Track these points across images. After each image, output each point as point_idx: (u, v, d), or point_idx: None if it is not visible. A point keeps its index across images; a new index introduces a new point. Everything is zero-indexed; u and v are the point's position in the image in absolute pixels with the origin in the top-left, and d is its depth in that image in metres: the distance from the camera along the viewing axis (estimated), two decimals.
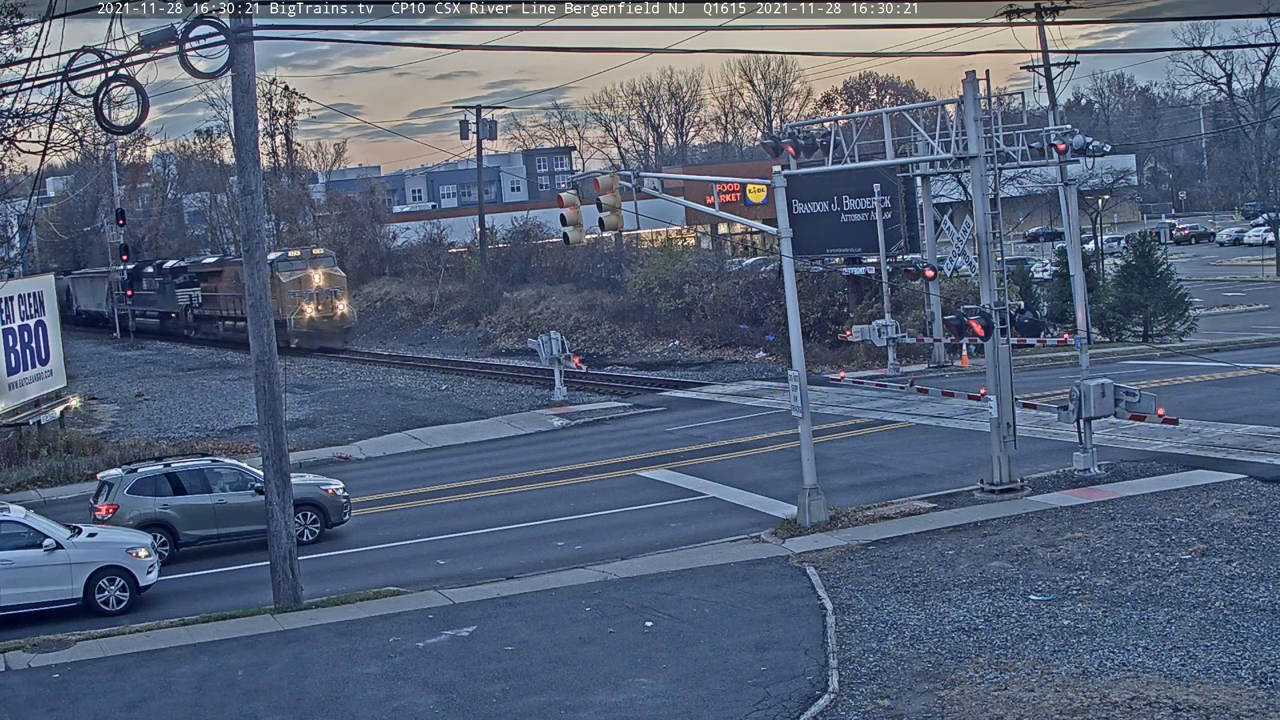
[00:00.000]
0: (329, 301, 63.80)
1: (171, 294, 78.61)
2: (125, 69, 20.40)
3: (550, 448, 34.99)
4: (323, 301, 63.54)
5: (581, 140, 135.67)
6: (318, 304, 63.36)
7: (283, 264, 62.85)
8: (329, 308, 63.69)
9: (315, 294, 63.26)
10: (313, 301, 63.18)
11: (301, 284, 63.12)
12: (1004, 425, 24.28)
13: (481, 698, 16.07)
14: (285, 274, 62.68)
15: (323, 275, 63.76)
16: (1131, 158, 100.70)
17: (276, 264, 61.54)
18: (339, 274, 65.65)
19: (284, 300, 61.63)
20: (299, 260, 64.28)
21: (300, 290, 62.98)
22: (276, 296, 59.81)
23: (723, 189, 69.75)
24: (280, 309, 60.54)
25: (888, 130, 27.55)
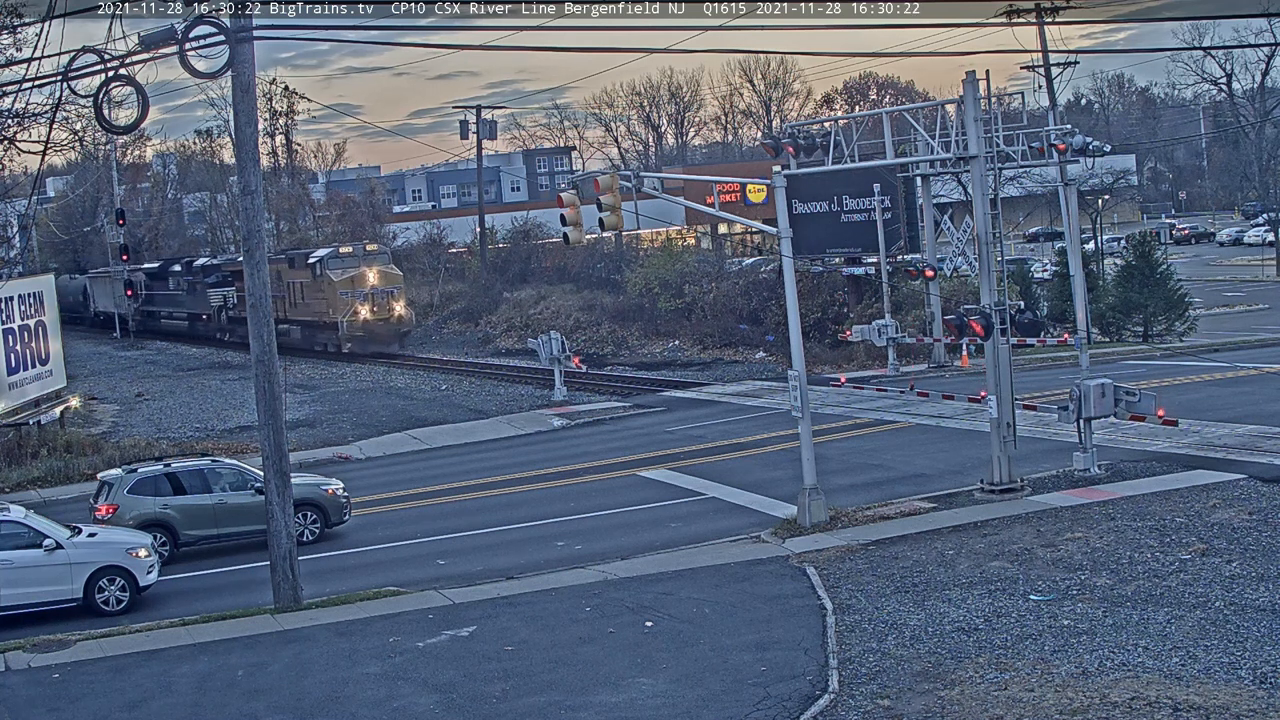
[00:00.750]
0: (385, 302, 58.88)
1: (202, 295, 73.66)
2: (125, 69, 20.41)
3: (550, 448, 34.99)
4: (378, 302, 58.62)
5: (581, 140, 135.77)
6: (373, 305, 58.45)
7: (332, 261, 59.01)
8: (385, 309, 58.81)
9: (370, 294, 58.35)
10: (367, 302, 58.29)
11: (354, 283, 58.14)
12: (1004, 425, 24.28)
13: (481, 698, 16.07)
14: (336, 272, 58.44)
15: (377, 273, 58.82)
16: (1131, 158, 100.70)
17: (326, 261, 58.93)
18: (395, 272, 60.87)
19: (335, 301, 58.38)
20: (351, 257, 59.49)
21: (353, 290, 58.08)
22: (326, 297, 58.57)
23: (723, 189, 69.73)
24: (331, 310, 58.54)
25: (888, 130, 27.55)
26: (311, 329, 61.62)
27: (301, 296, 61.79)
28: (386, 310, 58.73)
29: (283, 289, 62.76)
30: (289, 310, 62.47)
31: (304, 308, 61.77)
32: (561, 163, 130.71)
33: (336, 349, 60.09)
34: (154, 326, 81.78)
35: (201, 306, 74.32)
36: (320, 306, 59.61)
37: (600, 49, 36.77)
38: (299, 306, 62.28)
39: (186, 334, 77.41)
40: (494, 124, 72.61)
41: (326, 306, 59.09)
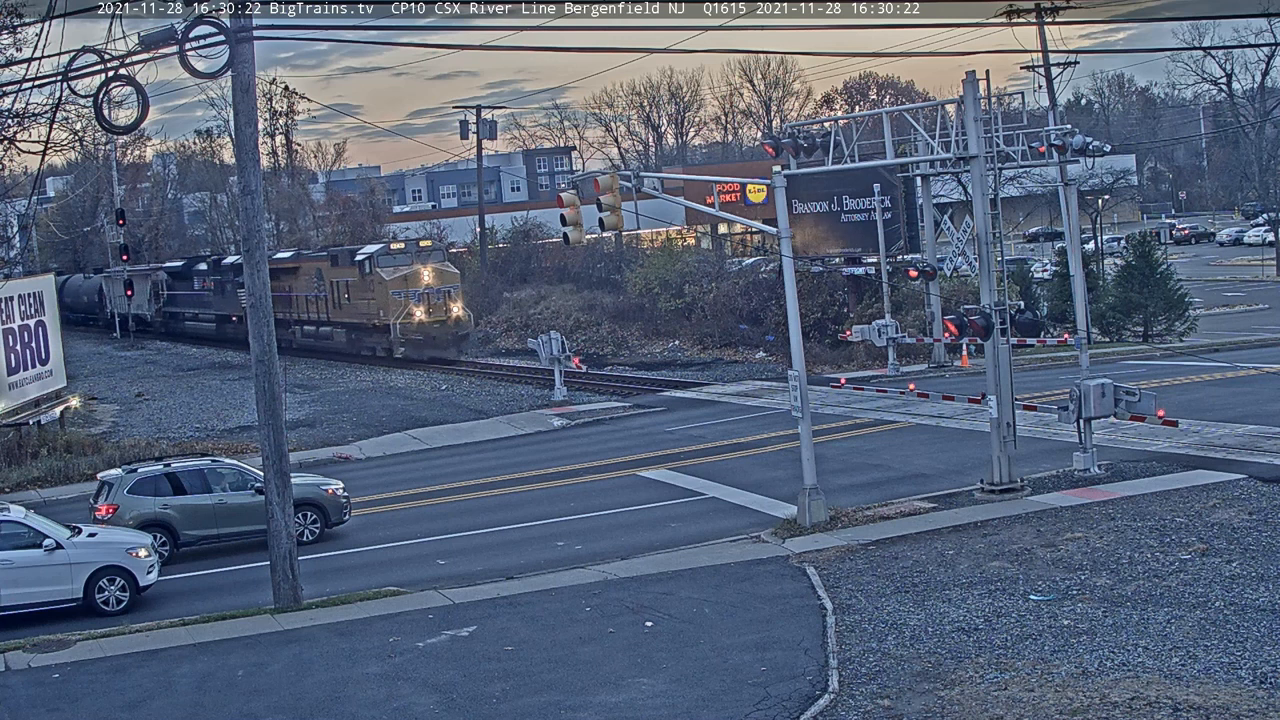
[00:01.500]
0: (442, 303, 54.24)
1: (233, 295, 67.27)
2: (125, 69, 20.41)
3: (550, 448, 34.99)
4: (434, 303, 53.98)
5: (581, 140, 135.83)
6: (428, 306, 53.82)
7: (383, 258, 54.49)
8: (442, 310, 54.16)
9: (425, 294, 53.72)
10: (423, 303, 53.63)
11: (408, 282, 53.60)
12: (1004, 425, 24.28)
13: (481, 698, 16.07)
14: (387, 271, 53.95)
15: (433, 272, 54.19)
16: (1131, 158, 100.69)
17: (377, 259, 54.54)
18: (451, 270, 56.32)
19: (387, 302, 53.80)
20: (403, 255, 55.03)
21: (407, 290, 53.48)
22: (376, 297, 54.38)
23: (723, 189, 69.64)
24: (382, 312, 54.17)
25: (888, 130, 27.54)
26: (359, 332, 57.26)
27: (347, 297, 57.41)
28: (443, 311, 54.20)
29: (324, 288, 59.29)
30: (333, 312, 59.09)
31: (350, 309, 57.39)
32: (561, 163, 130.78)
33: (387, 354, 55.39)
34: (178, 329, 77.33)
35: (232, 307, 69.01)
36: (369, 308, 55.33)
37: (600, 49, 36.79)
38: (344, 308, 57.93)
39: (214, 337, 72.86)
40: (494, 124, 72.62)
41: (376, 308, 54.70)
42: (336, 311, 58.55)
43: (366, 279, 55.00)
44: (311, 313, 61.31)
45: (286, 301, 62.99)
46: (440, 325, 53.88)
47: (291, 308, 63.11)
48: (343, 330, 58.48)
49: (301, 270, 61.86)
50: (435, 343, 54.14)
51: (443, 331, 54.31)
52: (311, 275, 60.41)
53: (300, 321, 62.85)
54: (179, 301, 76.39)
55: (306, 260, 62.52)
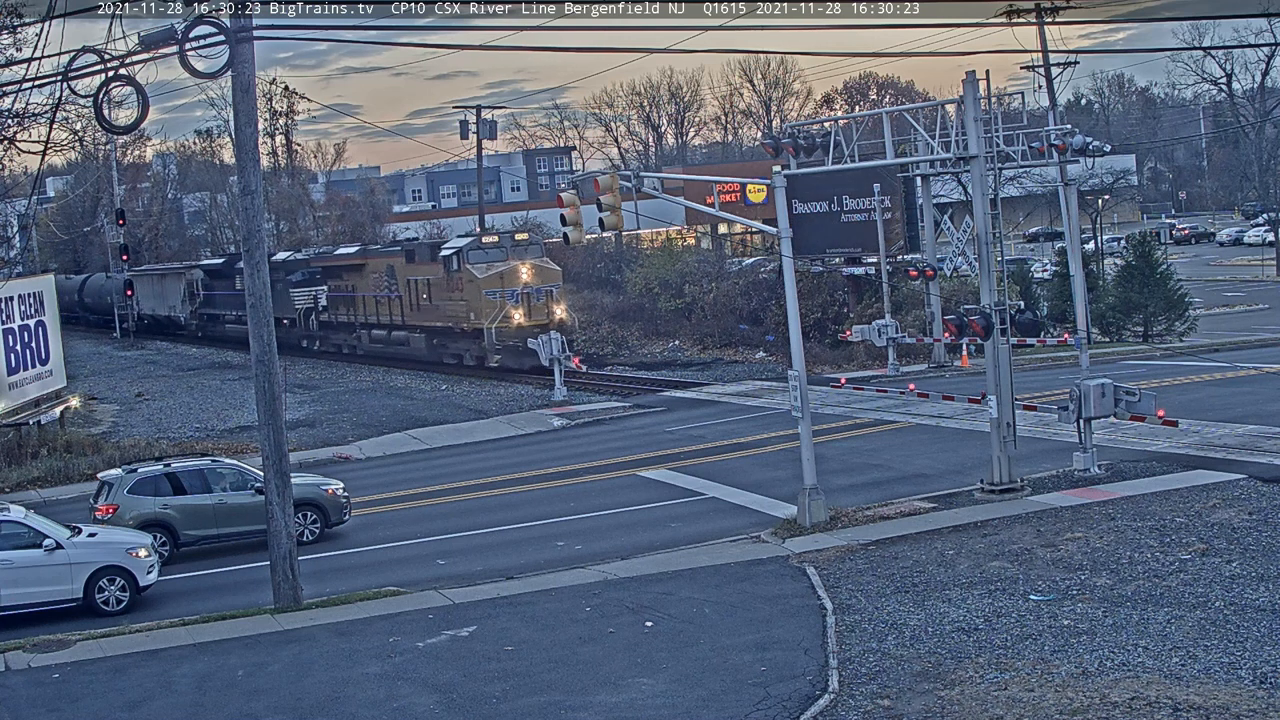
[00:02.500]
0: (543, 304, 47.82)
1: (284, 295, 60.85)
2: (125, 69, 20.42)
3: (550, 448, 34.99)
4: (535, 304, 47.66)
5: (581, 140, 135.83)
6: (527, 307, 47.53)
7: (474, 253, 48.30)
8: (543, 312, 47.65)
9: (524, 294, 47.58)
10: (521, 304, 47.47)
11: (504, 280, 47.53)
12: (1004, 425, 24.28)
13: (481, 698, 16.07)
14: (480, 268, 47.95)
15: (531, 269, 48.06)
16: (1131, 158, 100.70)
17: (467, 254, 48.36)
18: (552, 267, 49.88)
19: (479, 303, 47.67)
20: (496, 249, 48.71)
21: (502, 289, 47.43)
22: (467, 298, 48.44)
23: (723, 189, 69.63)
24: (473, 315, 48.11)
25: (888, 130, 27.53)
26: (443, 337, 51.42)
27: (428, 297, 51.40)
28: (545, 314, 47.70)
29: (397, 287, 53.70)
30: (409, 314, 53.36)
31: (432, 311, 51.41)
32: (561, 163, 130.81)
33: (478, 362, 49.80)
34: (216, 332, 71.05)
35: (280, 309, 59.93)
36: (457, 309, 49.31)
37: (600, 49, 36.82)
38: (424, 310, 51.99)
39: None
40: (494, 124, 72.50)
41: (466, 310, 48.54)
42: (413, 314, 52.97)
43: (453, 277, 49.09)
44: (382, 315, 55.60)
45: (349, 302, 58.17)
46: (542, 329, 46.43)
47: (356, 309, 57.75)
48: (421, 335, 52.70)
49: (368, 268, 56.33)
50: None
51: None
52: (381, 273, 55.07)
53: (367, 325, 57.03)
54: (218, 302, 70.06)
55: (375, 256, 56.92)
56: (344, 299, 58.60)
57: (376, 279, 55.42)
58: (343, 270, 58.31)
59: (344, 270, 58.28)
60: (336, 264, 59.78)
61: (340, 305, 59.50)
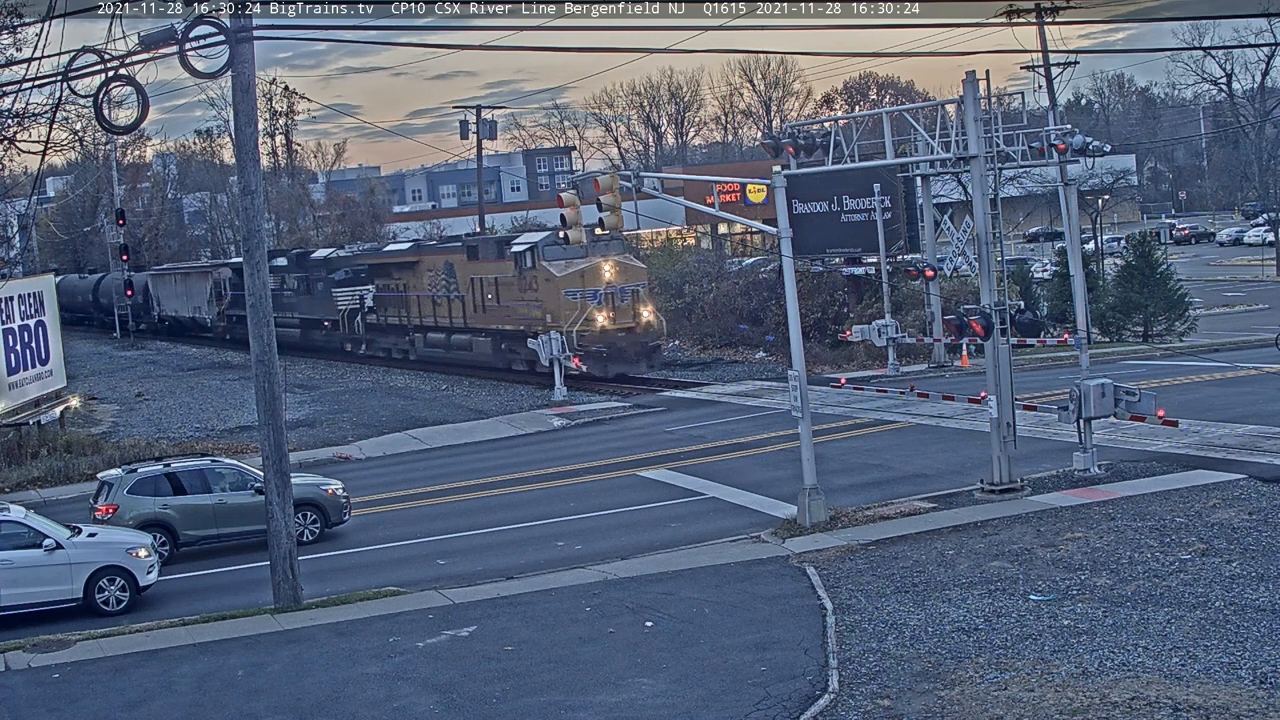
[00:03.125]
0: (629, 305, 43.91)
1: (325, 295, 58.45)
2: (125, 69, 20.43)
3: (550, 448, 34.99)
4: (620, 305, 43.72)
5: (581, 140, 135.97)
6: (612, 309, 43.59)
7: (551, 249, 44.08)
8: (629, 314, 43.91)
9: (608, 294, 43.63)
10: (605, 306, 43.51)
11: (585, 279, 43.53)
12: (1004, 425, 24.28)
13: (481, 698, 16.07)
14: (557, 265, 43.91)
15: (614, 267, 43.83)
16: (1131, 158, 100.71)
17: (542, 249, 44.41)
18: (636, 264, 46.15)
19: (557, 304, 43.55)
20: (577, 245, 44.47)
21: (583, 289, 43.49)
22: (543, 299, 44.46)
23: (723, 189, 69.64)
24: (549, 317, 43.90)
25: (888, 130, 27.53)
26: (513, 341, 46.95)
27: (495, 298, 47.27)
28: (630, 315, 43.94)
29: (458, 287, 49.57)
30: (472, 316, 48.98)
31: (500, 313, 47.16)
32: (561, 163, 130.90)
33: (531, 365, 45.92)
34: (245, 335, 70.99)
35: (322, 310, 59.41)
36: (531, 311, 45.22)
37: (600, 49, 36.81)
38: (491, 311, 47.77)
39: (298, 345, 61.15)
40: (494, 124, 72.51)
41: (542, 311, 44.39)
42: (478, 316, 48.62)
43: (526, 275, 45.12)
44: (440, 317, 51.23)
45: (402, 303, 53.88)
46: (627, 333, 43.62)
47: (409, 310, 53.35)
48: (487, 339, 48.29)
49: (423, 265, 52.02)
50: (622, 355, 43.93)
51: (631, 341, 44.01)
52: (438, 271, 50.82)
53: (423, 327, 52.55)
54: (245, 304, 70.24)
55: (431, 253, 52.61)
56: (394, 299, 54.25)
57: (433, 277, 51.18)
58: (393, 268, 54.10)
59: (394, 268, 53.97)
60: (386, 261, 55.25)
61: (390, 306, 55.12)
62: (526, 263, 45.10)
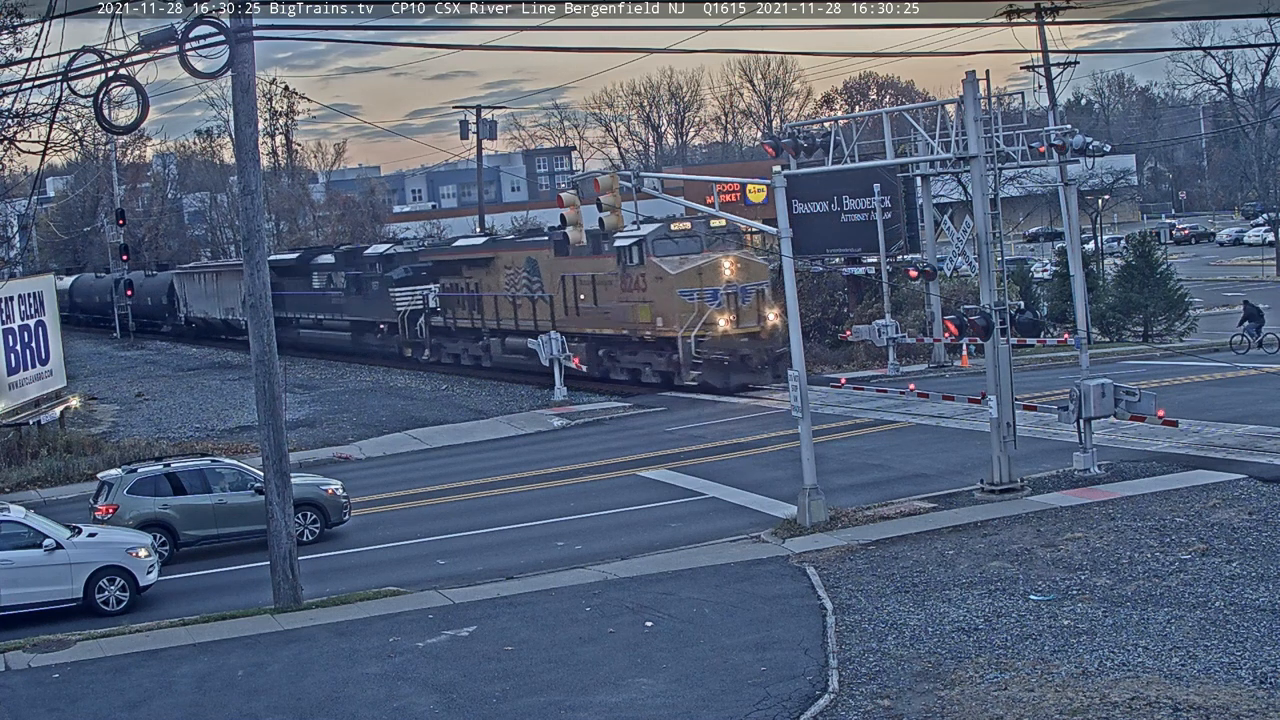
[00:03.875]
0: (752, 307, 39.16)
1: (382, 295, 53.47)
2: (125, 69, 20.43)
3: (550, 448, 34.99)
4: (742, 307, 38.77)
5: (581, 140, 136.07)
6: (734, 311, 38.64)
7: (662, 244, 39.65)
8: (753, 317, 39.16)
9: (728, 294, 38.60)
10: (727, 308, 38.55)
11: (703, 277, 38.56)
12: (1004, 425, 24.28)
13: (481, 698, 16.07)
14: (670, 262, 39.10)
15: (735, 264, 38.93)
16: (1131, 158, 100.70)
17: (652, 244, 39.65)
18: (758, 261, 41.25)
19: (670, 306, 38.91)
20: (688, 238, 40.06)
21: (700, 289, 38.52)
22: (653, 299, 39.72)
23: (723, 189, 69.72)
24: (662, 319, 39.48)
25: (888, 130, 27.54)
26: (614, 347, 42.79)
27: (593, 298, 42.36)
28: (755, 319, 39.16)
29: (542, 286, 44.87)
30: (562, 319, 43.92)
31: (598, 316, 42.40)
32: (561, 163, 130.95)
33: (664, 378, 40.93)
34: (288, 339, 58.24)
35: (376, 311, 54.62)
36: (637, 314, 40.43)
37: (600, 49, 36.82)
38: (586, 314, 42.90)
39: (348, 350, 57.53)
40: (494, 124, 72.51)
41: (652, 314, 39.83)
42: (569, 319, 43.84)
43: (631, 273, 40.20)
44: (522, 319, 46.08)
45: (473, 303, 48.88)
46: (751, 339, 38.74)
47: (481, 312, 48.48)
48: (581, 345, 43.65)
49: (499, 262, 47.12)
50: (745, 364, 38.75)
51: (756, 348, 38.86)
52: (518, 268, 46.17)
53: (500, 331, 47.62)
54: (289, 304, 60.34)
55: (509, 248, 47.56)
56: (464, 299, 49.22)
57: (511, 276, 46.34)
58: (462, 265, 48.89)
59: (464, 265, 48.76)
60: (454, 258, 50.05)
61: (458, 307, 50.10)
62: (632, 259, 40.09)
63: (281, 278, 60.11)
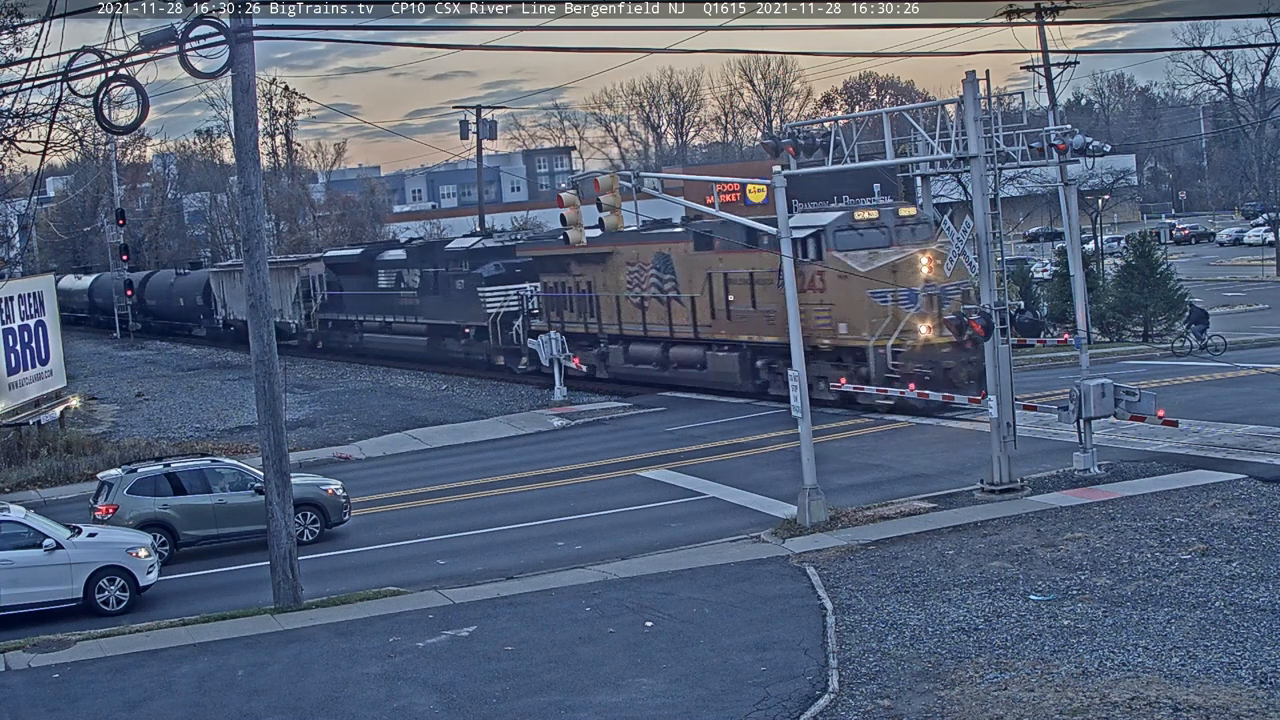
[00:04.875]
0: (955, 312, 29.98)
1: (468, 295, 47.23)
2: (125, 69, 20.43)
3: (550, 448, 34.99)
4: (942, 311, 32.18)
5: (581, 140, 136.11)
6: (936, 317, 32.26)
7: (844, 236, 33.70)
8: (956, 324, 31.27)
9: (928, 296, 32.59)
10: (928, 314, 32.40)
11: (897, 275, 32.68)
12: (1004, 425, 24.28)
13: (481, 698, 16.07)
14: (858, 257, 33.12)
15: (933, 260, 32.72)
16: (1131, 158, 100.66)
17: (833, 235, 33.61)
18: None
19: (859, 309, 32.84)
20: (876, 230, 33.79)
21: (894, 289, 32.56)
22: (836, 300, 33.53)
23: (723, 189, 69.61)
24: (847, 325, 33.17)
25: (888, 130, 27.53)
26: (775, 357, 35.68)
27: (750, 300, 36.29)
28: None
29: (678, 285, 39.08)
30: (706, 324, 38.08)
31: (756, 320, 36.20)
32: (561, 163, 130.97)
33: (846, 397, 34.15)
34: (347, 344, 55.80)
35: (460, 313, 48.21)
36: (814, 318, 33.12)
37: (600, 49, 36.80)
38: (740, 319, 36.82)
39: (423, 357, 51.28)
40: (494, 124, 72.46)
41: (832, 319, 33.57)
42: (718, 324, 37.95)
43: (805, 270, 32.93)
44: (652, 323, 40.22)
45: (586, 306, 43.11)
46: (954, 349, 31.96)
47: (599, 315, 42.71)
48: (731, 354, 37.67)
49: (619, 257, 41.19)
50: (951, 377, 32.20)
51: (961, 359, 32.27)
52: (645, 264, 40.38)
53: (623, 337, 41.71)
54: (351, 305, 55.33)
55: (632, 241, 40.26)
56: (573, 301, 43.49)
57: (636, 273, 40.72)
58: (571, 261, 42.77)
59: (573, 261, 42.66)
60: (561, 253, 42.77)
61: (565, 309, 44.15)
62: (807, 253, 33.64)
63: (341, 276, 56.18)
